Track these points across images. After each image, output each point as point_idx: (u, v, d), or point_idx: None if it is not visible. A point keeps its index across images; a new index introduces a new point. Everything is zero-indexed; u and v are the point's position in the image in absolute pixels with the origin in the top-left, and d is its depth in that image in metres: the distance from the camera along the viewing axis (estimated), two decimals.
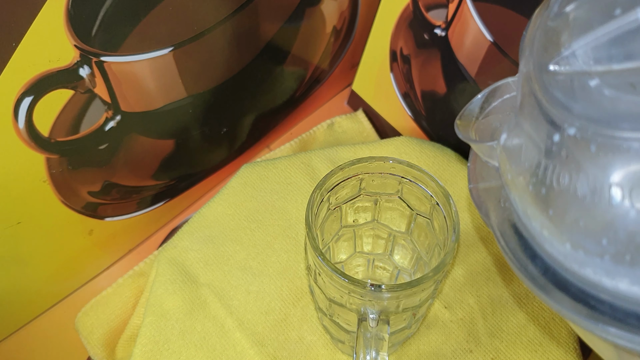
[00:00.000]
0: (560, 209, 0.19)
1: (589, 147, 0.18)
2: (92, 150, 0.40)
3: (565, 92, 0.19)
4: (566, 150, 0.19)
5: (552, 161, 0.20)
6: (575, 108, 0.19)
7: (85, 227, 0.44)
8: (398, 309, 0.34)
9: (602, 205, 0.18)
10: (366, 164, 0.36)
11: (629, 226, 0.17)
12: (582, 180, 0.18)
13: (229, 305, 0.42)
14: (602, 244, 0.18)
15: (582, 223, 0.19)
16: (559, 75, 0.20)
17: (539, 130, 0.20)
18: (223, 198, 0.47)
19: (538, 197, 0.20)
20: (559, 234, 0.20)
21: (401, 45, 0.49)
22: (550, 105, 0.20)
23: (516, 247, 0.23)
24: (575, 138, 0.19)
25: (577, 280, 0.20)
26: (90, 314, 0.46)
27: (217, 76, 0.45)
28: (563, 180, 0.19)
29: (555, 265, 0.21)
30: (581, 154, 0.18)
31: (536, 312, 0.42)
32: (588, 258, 0.19)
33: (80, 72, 0.36)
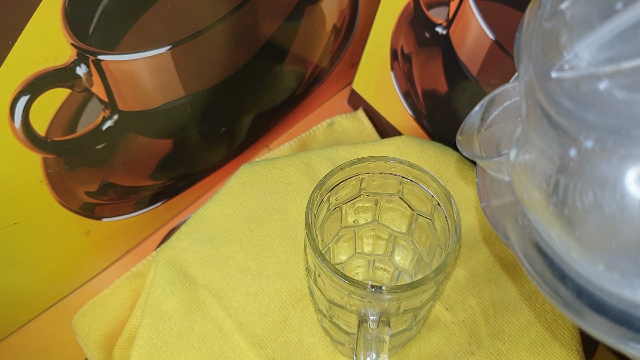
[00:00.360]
0: (588, 230, 0.18)
1: (610, 159, 0.17)
2: (89, 150, 0.40)
3: (574, 99, 0.18)
4: (586, 165, 0.18)
5: (572, 178, 0.18)
6: (589, 117, 0.17)
7: (82, 228, 0.44)
8: (399, 311, 0.34)
9: (634, 222, 0.17)
10: (366, 164, 0.36)
11: None
12: (607, 197, 0.17)
13: (227, 306, 0.42)
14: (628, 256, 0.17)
15: (614, 243, 0.17)
16: (564, 81, 0.18)
17: (551, 145, 0.19)
18: (222, 198, 0.47)
19: (561, 217, 0.19)
20: (590, 256, 0.18)
21: (402, 44, 0.49)
22: (560, 117, 0.18)
23: (543, 269, 0.21)
24: (594, 151, 0.17)
25: (615, 302, 0.19)
26: (87, 315, 0.46)
27: (216, 75, 0.45)
28: (587, 198, 0.18)
29: (590, 287, 0.19)
30: (603, 168, 0.17)
31: (539, 314, 0.42)
32: (625, 279, 0.17)
33: (77, 71, 0.36)
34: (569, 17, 0.19)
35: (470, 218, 0.46)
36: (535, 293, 0.42)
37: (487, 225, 0.45)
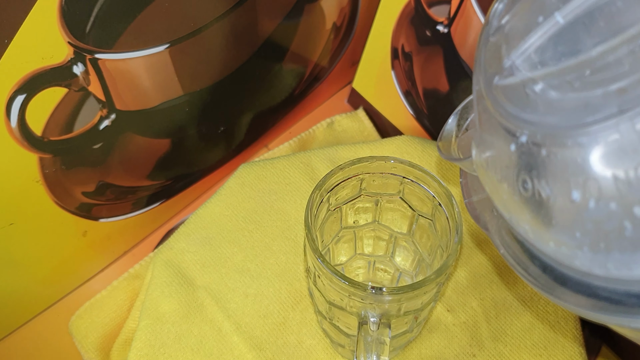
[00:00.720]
0: (533, 212, 0.21)
1: (540, 151, 0.20)
2: (86, 150, 0.40)
3: (513, 102, 0.21)
4: (522, 157, 0.21)
5: (515, 169, 0.21)
6: (523, 116, 0.20)
7: (79, 228, 0.44)
8: (399, 312, 0.34)
9: (565, 203, 0.19)
10: (367, 164, 0.36)
11: (593, 217, 0.19)
12: (542, 183, 0.20)
13: (226, 308, 0.42)
14: (577, 238, 0.20)
15: (554, 222, 0.20)
16: (505, 87, 0.22)
17: (498, 143, 0.22)
18: (220, 199, 0.47)
19: (513, 204, 0.22)
20: (540, 235, 0.21)
21: (403, 42, 0.49)
22: (502, 118, 0.21)
23: (516, 251, 0.24)
24: (527, 144, 0.20)
25: (574, 274, 0.21)
26: (84, 317, 0.46)
27: (214, 74, 0.45)
28: (527, 185, 0.21)
29: (552, 263, 0.22)
30: (535, 159, 0.20)
31: (541, 315, 0.42)
32: (571, 252, 0.20)
33: (74, 70, 0.36)
34: (507, 30, 0.23)
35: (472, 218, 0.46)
36: (537, 294, 0.42)
37: None
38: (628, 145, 0.18)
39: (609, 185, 0.18)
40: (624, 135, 0.18)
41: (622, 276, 0.19)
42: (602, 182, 0.18)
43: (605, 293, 0.20)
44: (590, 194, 0.19)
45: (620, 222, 0.18)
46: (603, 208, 0.19)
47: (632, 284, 0.19)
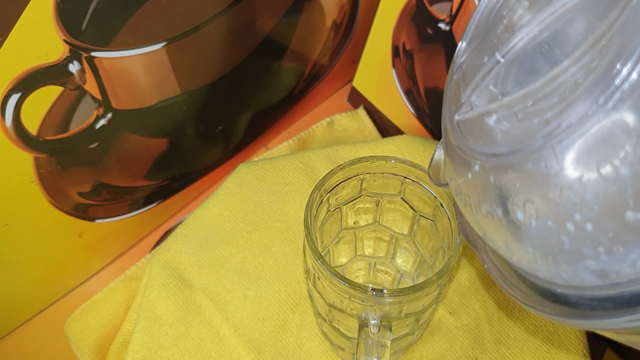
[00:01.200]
0: (493, 232, 0.24)
1: (489, 178, 0.22)
2: (82, 149, 0.40)
3: (471, 135, 0.24)
4: (477, 184, 0.23)
5: (473, 194, 0.24)
6: (477, 147, 0.23)
7: (75, 229, 0.44)
8: (400, 315, 0.34)
9: (512, 223, 0.22)
10: (367, 164, 0.36)
11: (536, 234, 0.21)
12: (493, 206, 0.23)
13: (224, 310, 0.42)
14: (530, 252, 0.22)
15: (509, 239, 0.23)
16: (465, 122, 0.24)
17: (461, 171, 0.24)
18: (218, 199, 0.47)
19: (479, 224, 0.24)
20: (505, 250, 0.24)
21: (404, 40, 0.49)
22: (460, 150, 0.24)
23: (498, 266, 0.27)
24: (479, 172, 0.23)
25: (543, 283, 0.24)
26: (80, 319, 0.46)
27: (212, 72, 0.45)
28: (483, 208, 0.23)
29: (526, 275, 0.25)
30: (486, 185, 0.23)
31: (544, 318, 0.42)
32: (530, 265, 0.23)
33: (70, 68, 0.36)
34: (464, 69, 0.26)
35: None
36: None
37: None
38: (552, 171, 0.20)
39: (543, 205, 0.21)
40: (548, 162, 0.20)
41: (578, 284, 0.21)
42: (538, 203, 0.21)
43: (575, 299, 0.22)
44: (529, 214, 0.21)
45: (558, 237, 0.20)
46: (542, 226, 0.21)
47: (594, 289, 0.21)
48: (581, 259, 0.20)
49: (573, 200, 0.20)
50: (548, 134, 0.20)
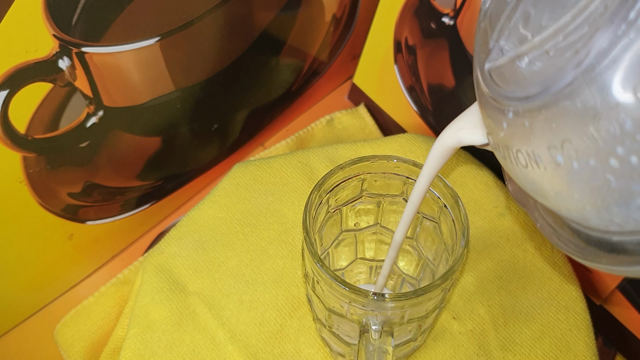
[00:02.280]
0: (535, 183, 0.23)
1: (524, 123, 0.22)
2: (72, 149, 0.40)
3: (503, 81, 0.23)
4: (512, 132, 0.23)
5: (510, 145, 0.23)
6: (510, 93, 0.23)
7: (65, 232, 0.44)
8: (403, 320, 0.34)
9: (554, 169, 0.21)
10: (368, 163, 0.36)
11: (580, 176, 0.21)
12: (531, 153, 0.22)
13: (220, 315, 0.42)
14: (577, 199, 0.21)
15: (554, 188, 0.22)
16: (495, 69, 0.24)
17: (496, 122, 0.24)
18: (214, 200, 0.47)
19: (521, 178, 0.24)
20: (552, 202, 0.23)
21: (406, 35, 0.49)
22: (494, 102, 0.23)
23: (550, 222, 0.26)
24: (514, 119, 0.22)
25: (597, 233, 0.23)
26: (70, 325, 0.46)
27: (208, 68, 0.45)
28: (521, 158, 0.23)
29: (579, 227, 0.24)
30: (521, 132, 0.22)
31: (552, 323, 0.42)
32: (580, 214, 0.22)
33: (60, 64, 0.36)
34: (489, 14, 0.25)
35: (479, 221, 0.46)
36: (548, 301, 0.42)
37: (497, 229, 0.45)
38: (586, 103, 0.19)
39: (582, 143, 0.20)
40: (581, 94, 0.19)
41: (634, 228, 0.21)
42: (576, 142, 0.20)
43: (632, 246, 0.22)
44: (569, 155, 0.21)
45: (603, 176, 0.20)
46: (584, 166, 0.20)
47: None
48: (631, 197, 0.20)
49: (613, 132, 0.19)
50: (578, 63, 0.19)
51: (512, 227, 0.45)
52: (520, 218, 0.45)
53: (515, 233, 0.45)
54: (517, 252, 0.44)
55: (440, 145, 0.32)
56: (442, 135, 0.32)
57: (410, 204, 0.35)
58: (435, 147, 0.32)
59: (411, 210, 0.35)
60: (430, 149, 0.33)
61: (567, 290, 0.43)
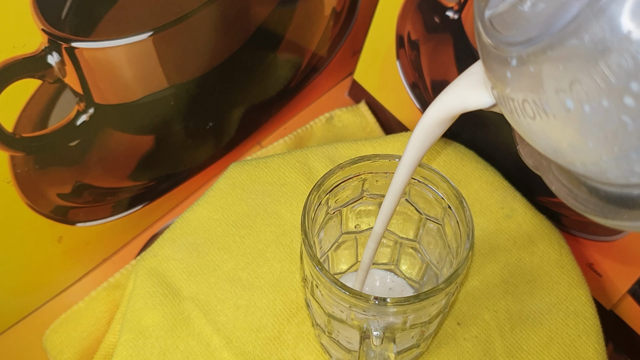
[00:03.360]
0: (546, 135, 0.22)
1: (528, 69, 0.21)
2: (61, 147, 0.40)
3: (505, 28, 0.23)
4: (517, 81, 0.22)
5: (516, 96, 0.23)
6: (512, 38, 0.22)
7: (54, 234, 0.44)
8: (405, 326, 0.34)
9: (565, 116, 0.21)
10: (369, 163, 0.36)
11: (593, 120, 0.20)
12: (538, 102, 0.21)
13: (215, 321, 0.42)
14: (592, 148, 0.21)
15: (566, 139, 0.21)
16: (498, 16, 0.23)
17: (499, 74, 0.23)
18: (209, 201, 0.47)
19: (529, 132, 0.23)
20: (564, 156, 0.22)
21: (409, 30, 0.49)
22: (496, 50, 0.23)
23: (566, 183, 0.26)
24: (517, 67, 0.22)
25: (616, 189, 0.22)
26: (59, 331, 0.46)
27: (202, 64, 0.45)
28: (528, 109, 0.22)
29: (596, 184, 0.23)
30: (526, 79, 0.22)
31: (560, 329, 0.42)
32: (596, 166, 0.21)
33: (49, 60, 0.36)
34: None
35: (485, 223, 0.46)
36: (556, 306, 0.42)
37: (503, 231, 0.45)
38: (594, 37, 0.19)
39: (593, 82, 0.19)
40: (588, 28, 0.19)
41: None
42: (586, 82, 0.19)
43: None
44: (579, 97, 0.20)
45: (618, 117, 0.19)
46: (597, 108, 0.19)
47: None
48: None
49: (625, 66, 0.18)
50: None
51: (518, 229, 0.45)
52: (528, 219, 0.46)
53: (522, 235, 0.45)
54: (524, 255, 0.44)
55: (437, 110, 0.30)
56: (440, 98, 0.30)
57: (394, 188, 0.34)
58: (430, 114, 0.31)
59: (394, 196, 0.34)
60: (422, 117, 0.31)
61: (576, 294, 0.43)
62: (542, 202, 0.47)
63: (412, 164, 0.32)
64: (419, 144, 0.32)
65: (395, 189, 0.34)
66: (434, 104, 0.30)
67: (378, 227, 0.36)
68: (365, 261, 0.38)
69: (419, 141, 0.32)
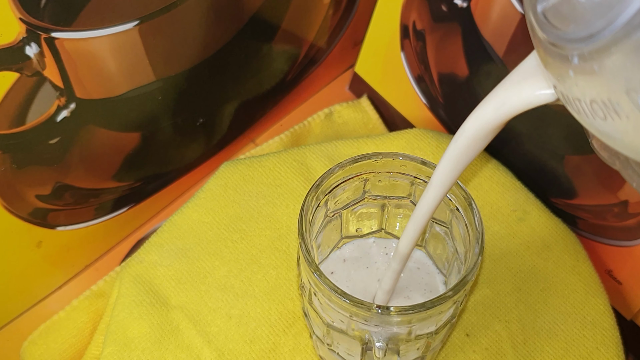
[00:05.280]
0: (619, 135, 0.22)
1: (592, 67, 0.21)
2: (41, 146, 0.40)
3: (562, 23, 0.22)
4: (583, 80, 0.22)
5: (583, 96, 0.22)
6: (571, 34, 0.21)
7: (32, 238, 0.45)
8: (410, 336, 0.34)
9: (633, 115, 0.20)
10: (371, 162, 0.37)
11: None
12: (607, 101, 0.21)
13: (206, 332, 0.42)
14: None
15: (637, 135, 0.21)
16: (551, 9, 0.23)
17: (561, 73, 0.23)
18: (199, 203, 0.47)
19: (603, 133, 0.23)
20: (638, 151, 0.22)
21: (414, 19, 0.49)
22: (555, 47, 0.22)
23: None
24: (580, 65, 0.21)
25: None
26: (38, 342, 0.46)
27: (192, 56, 0.45)
28: (597, 108, 0.22)
29: None
30: (592, 78, 0.21)
31: (577, 340, 0.42)
32: None
33: (27, 51, 0.36)
34: None
35: (496, 226, 0.46)
36: (572, 316, 0.43)
37: (515, 235, 0.45)
38: None
39: None
40: None
41: None
42: None
43: None
44: None
45: None
46: None
47: None
48: None
49: None
50: None
51: (532, 233, 0.45)
52: (542, 223, 0.46)
53: (535, 240, 0.45)
54: (538, 261, 0.44)
55: (490, 113, 0.29)
56: (492, 98, 0.29)
57: (426, 202, 0.32)
58: (477, 119, 0.29)
59: (426, 211, 0.33)
60: (464, 125, 0.30)
61: (594, 303, 0.43)
62: (557, 204, 0.47)
63: (450, 180, 0.31)
64: (459, 156, 0.31)
65: (424, 212, 0.33)
66: (485, 104, 0.29)
67: (403, 246, 0.35)
68: (387, 283, 0.37)
69: (460, 153, 0.30)
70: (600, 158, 0.27)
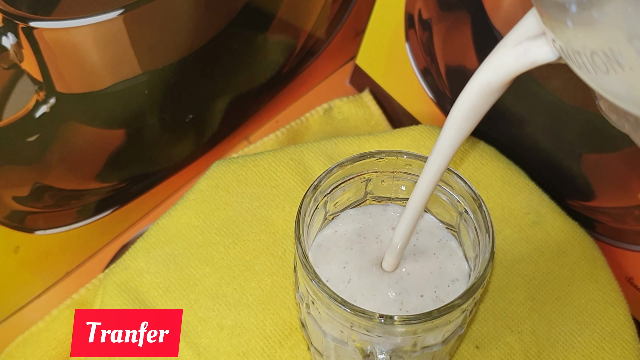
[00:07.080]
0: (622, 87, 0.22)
1: (592, 15, 0.21)
2: (18, 143, 0.40)
3: None
4: (582, 30, 0.22)
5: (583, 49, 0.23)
6: None
7: (9, 243, 0.45)
8: (415, 348, 0.34)
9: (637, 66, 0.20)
10: (374, 160, 0.37)
11: None
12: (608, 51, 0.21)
13: (196, 344, 0.42)
14: None
15: None
16: None
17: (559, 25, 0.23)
18: (188, 205, 0.47)
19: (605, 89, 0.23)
20: None
21: (420, 7, 0.49)
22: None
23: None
24: (579, 14, 0.21)
25: None
26: (15, 355, 0.46)
27: (181, 47, 0.45)
28: (598, 61, 0.22)
29: None
30: (592, 28, 0.21)
31: (594, 353, 0.42)
32: None
33: (3, 42, 0.36)
34: None
35: (508, 230, 0.46)
36: (590, 326, 0.43)
37: (528, 240, 0.45)
38: None
39: None
40: None
41: None
42: None
43: None
44: None
45: None
46: None
47: None
48: None
49: None
50: None
51: (546, 238, 0.45)
52: (557, 226, 0.46)
53: (550, 245, 0.45)
54: (553, 268, 0.45)
55: (493, 70, 0.29)
56: (493, 56, 0.29)
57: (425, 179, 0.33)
58: (480, 78, 0.30)
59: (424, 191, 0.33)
60: (465, 90, 0.30)
61: (613, 313, 0.43)
62: (573, 207, 0.47)
63: (452, 148, 0.31)
64: (462, 122, 0.31)
65: (426, 181, 0.33)
66: (485, 65, 0.29)
67: (398, 238, 0.35)
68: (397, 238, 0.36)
69: (462, 117, 0.30)
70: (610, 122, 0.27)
